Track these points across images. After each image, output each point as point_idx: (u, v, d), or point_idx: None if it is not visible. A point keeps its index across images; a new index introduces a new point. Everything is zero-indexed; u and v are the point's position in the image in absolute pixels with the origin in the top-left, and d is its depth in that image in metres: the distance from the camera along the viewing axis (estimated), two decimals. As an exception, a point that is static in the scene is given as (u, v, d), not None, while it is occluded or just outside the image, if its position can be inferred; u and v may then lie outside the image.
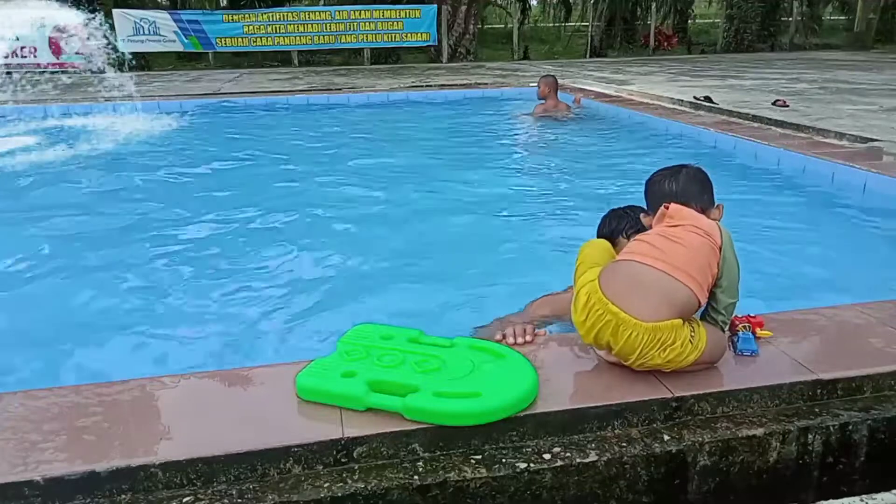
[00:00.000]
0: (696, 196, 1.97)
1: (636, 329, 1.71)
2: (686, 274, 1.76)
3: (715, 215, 1.97)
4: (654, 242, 1.84)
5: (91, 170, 6.09)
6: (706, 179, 2.04)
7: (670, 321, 1.73)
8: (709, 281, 1.81)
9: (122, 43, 14.95)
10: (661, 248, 1.80)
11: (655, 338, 1.71)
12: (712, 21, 26.60)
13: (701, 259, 1.79)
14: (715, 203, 2.02)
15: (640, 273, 1.77)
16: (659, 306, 1.72)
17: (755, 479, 1.75)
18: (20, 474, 1.48)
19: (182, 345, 2.81)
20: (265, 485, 1.56)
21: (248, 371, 1.91)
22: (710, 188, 2.03)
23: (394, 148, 7.08)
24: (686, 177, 2.02)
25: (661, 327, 1.71)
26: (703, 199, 1.99)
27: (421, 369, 1.75)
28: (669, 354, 1.74)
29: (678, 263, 1.77)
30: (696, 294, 1.77)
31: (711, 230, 1.85)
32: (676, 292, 1.74)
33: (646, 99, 9.10)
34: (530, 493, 1.62)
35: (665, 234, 1.86)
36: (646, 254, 1.80)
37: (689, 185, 2.00)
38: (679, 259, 1.77)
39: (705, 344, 1.79)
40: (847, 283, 3.23)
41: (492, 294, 3.18)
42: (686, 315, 1.78)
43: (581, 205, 4.59)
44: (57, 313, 3.15)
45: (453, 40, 17.76)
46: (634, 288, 1.74)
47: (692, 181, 2.01)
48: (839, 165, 4.81)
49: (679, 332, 1.74)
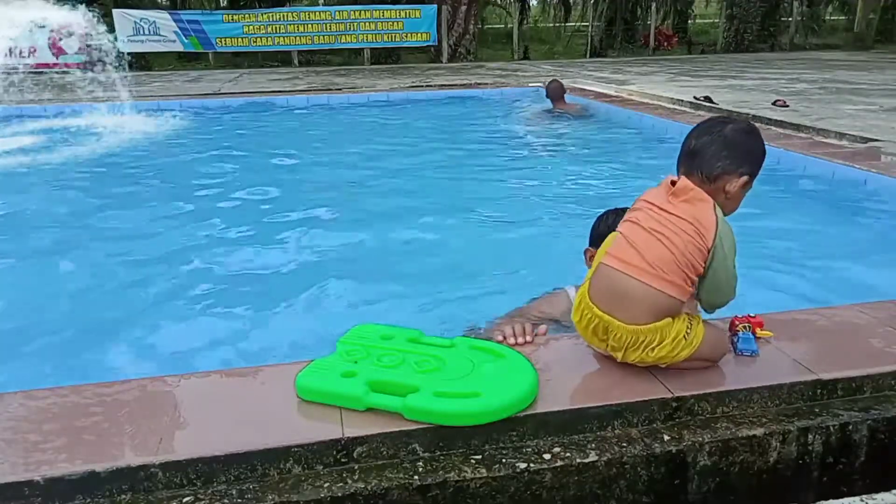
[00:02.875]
0: (711, 158, 1.72)
1: (619, 331, 1.74)
2: (664, 280, 1.68)
3: (724, 184, 1.73)
4: (634, 239, 1.73)
5: (90, 170, 6.09)
6: (742, 141, 1.74)
7: (652, 325, 1.72)
8: (693, 279, 1.72)
9: (122, 43, 14.94)
10: (640, 247, 1.71)
11: (638, 340, 1.73)
12: (712, 21, 26.60)
13: (684, 260, 1.68)
14: (741, 173, 1.73)
15: (617, 283, 1.72)
16: (638, 314, 1.71)
17: (755, 479, 1.75)
18: (20, 474, 1.48)
19: (182, 345, 2.82)
20: (265, 485, 1.55)
21: (248, 371, 1.91)
22: (743, 151, 1.73)
23: (394, 148, 7.08)
24: (717, 133, 1.75)
25: (643, 331, 1.72)
26: (718, 164, 1.72)
27: (421, 369, 1.75)
28: (659, 353, 1.75)
29: (655, 267, 1.68)
30: (676, 295, 1.71)
31: (704, 227, 1.69)
32: (653, 298, 1.70)
33: (646, 99, 9.10)
34: (530, 494, 1.62)
35: (650, 224, 1.73)
36: (622, 257, 1.73)
37: (706, 145, 1.74)
38: (657, 260, 1.68)
39: (701, 340, 1.78)
40: (847, 283, 3.24)
41: (492, 294, 3.18)
42: (672, 314, 1.74)
43: (580, 204, 4.60)
44: (56, 313, 3.15)
45: (453, 40, 17.76)
46: (614, 297, 1.74)
47: (711, 140, 1.75)
48: (839, 165, 4.81)
49: (667, 330, 1.73)
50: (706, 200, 1.73)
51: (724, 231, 1.71)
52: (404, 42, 17.11)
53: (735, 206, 1.81)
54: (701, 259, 1.70)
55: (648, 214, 1.76)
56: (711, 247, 1.69)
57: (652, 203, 1.78)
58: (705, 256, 1.70)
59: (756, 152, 1.78)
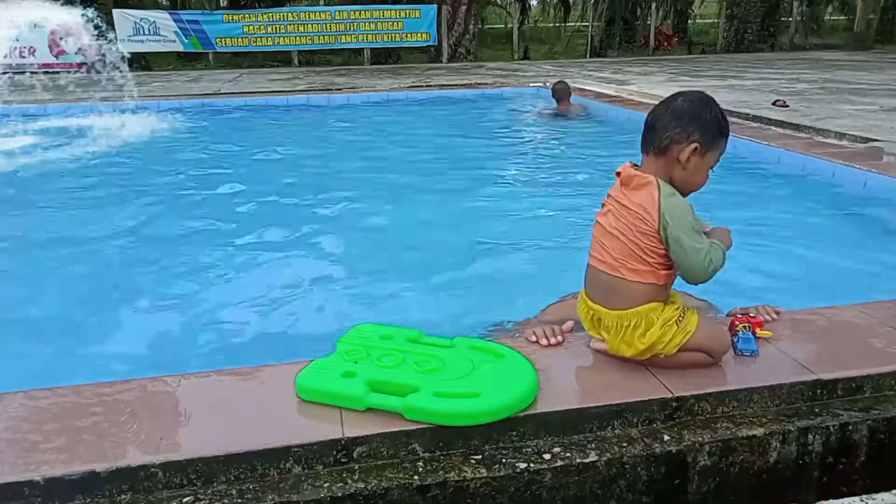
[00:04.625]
0: (660, 130, 1.74)
1: (607, 317, 1.84)
2: (629, 269, 1.77)
3: (677, 154, 1.73)
4: (600, 237, 1.84)
5: (90, 170, 6.09)
6: (688, 108, 1.74)
7: (634, 309, 1.79)
8: (661, 260, 1.75)
9: (123, 43, 14.90)
10: (603, 243, 1.82)
11: (622, 324, 1.80)
12: (712, 21, 26.58)
13: (640, 248, 1.75)
14: (691, 140, 1.72)
15: (598, 279, 1.85)
16: (621, 302, 1.81)
17: (755, 479, 1.75)
18: (20, 474, 1.48)
19: (182, 345, 2.81)
20: (265, 485, 1.56)
21: (248, 371, 1.91)
22: (690, 118, 1.73)
23: (393, 148, 7.09)
24: (668, 105, 1.77)
25: (626, 315, 1.80)
26: (666, 135, 1.73)
27: (421, 369, 1.75)
28: (651, 338, 1.78)
29: (618, 261, 1.78)
30: (651, 281, 1.77)
31: (646, 211, 1.71)
32: (626, 288, 1.79)
33: (646, 99, 9.09)
34: (530, 494, 1.62)
35: (608, 220, 1.81)
36: (597, 255, 1.85)
37: (657, 118, 1.77)
38: (619, 254, 1.78)
39: (696, 328, 1.80)
40: (847, 283, 3.24)
41: (493, 293, 3.18)
42: (652, 297, 1.79)
43: (581, 204, 4.59)
44: (56, 313, 3.15)
45: (453, 40, 17.76)
46: (600, 290, 1.85)
47: (661, 113, 1.77)
48: (839, 165, 4.81)
49: (653, 315, 1.78)
50: (648, 182, 1.74)
51: (668, 205, 1.71)
52: (404, 42, 17.11)
53: (698, 180, 1.79)
54: (654, 240, 1.74)
55: (609, 212, 1.84)
56: (658, 226, 1.72)
57: (613, 198, 1.85)
58: (658, 237, 1.74)
59: (705, 118, 1.74)
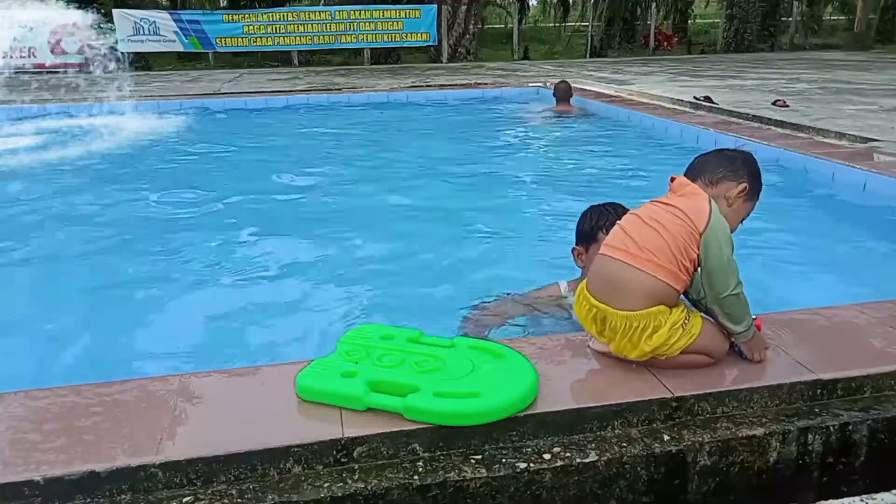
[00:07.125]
0: (709, 168, 1.91)
1: (614, 318, 1.80)
2: (655, 264, 1.76)
3: (726, 190, 1.87)
4: (629, 228, 1.84)
5: (90, 170, 6.10)
6: (741, 157, 1.94)
7: (645, 311, 1.77)
8: (687, 266, 1.78)
9: (123, 43, 14.95)
10: (635, 235, 1.81)
11: (631, 326, 1.78)
12: (712, 21, 26.59)
13: (676, 245, 1.76)
14: (741, 181, 1.88)
15: (612, 271, 1.82)
16: (632, 301, 1.78)
17: (755, 479, 1.75)
18: (20, 474, 1.48)
19: (182, 345, 2.81)
20: (265, 485, 1.55)
21: (248, 371, 1.91)
22: (741, 164, 1.91)
23: (393, 147, 7.08)
24: (719, 151, 1.98)
25: (635, 316, 1.77)
26: (720, 170, 1.90)
27: (421, 369, 1.75)
28: (657, 341, 1.77)
29: (648, 252, 1.77)
30: (670, 282, 1.77)
31: (697, 214, 1.78)
32: (645, 283, 1.77)
33: (646, 99, 9.10)
34: (530, 494, 1.62)
35: (648, 214, 1.85)
36: (617, 245, 1.83)
37: (710, 157, 1.95)
38: (650, 245, 1.77)
39: (700, 331, 1.80)
40: (847, 282, 3.24)
41: (492, 293, 3.18)
42: (666, 301, 1.78)
43: (580, 204, 4.59)
44: (55, 313, 3.15)
45: (453, 40, 17.76)
46: (608, 285, 1.82)
47: (714, 155, 1.96)
48: (839, 165, 4.81)
49: (662, 318, 1.77)
50: (702, 195, 1.84)
51: (717, 222, 1.79)
52: (404, 42, 17.11)
53: (736, 221, 1.91)
54: (693, 244, 1.77)
55: (648, 207, 1.87)
56: (703, 232, 1.76)
57: (657, 200, 1.89)
58: (697, 241, 1.76)
59: (755, 169, 1.93)
